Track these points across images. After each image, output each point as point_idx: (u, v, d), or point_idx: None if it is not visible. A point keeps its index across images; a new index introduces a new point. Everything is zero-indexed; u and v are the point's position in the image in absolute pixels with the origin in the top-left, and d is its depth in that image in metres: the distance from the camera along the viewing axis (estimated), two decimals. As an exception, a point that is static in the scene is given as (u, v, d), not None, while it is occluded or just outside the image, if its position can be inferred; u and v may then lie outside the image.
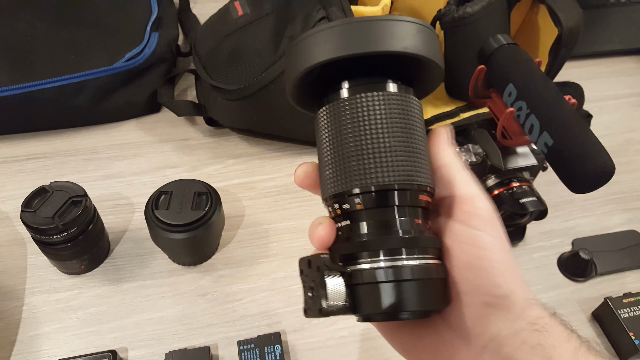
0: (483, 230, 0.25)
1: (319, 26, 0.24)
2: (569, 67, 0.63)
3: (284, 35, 0.55)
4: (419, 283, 0.24)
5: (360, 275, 0.24)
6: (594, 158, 0.40)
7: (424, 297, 0.24)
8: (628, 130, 0.71)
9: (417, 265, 0.24)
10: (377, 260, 0.24)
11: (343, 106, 0.25)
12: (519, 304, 0.24)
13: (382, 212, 0.25)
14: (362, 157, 0.24)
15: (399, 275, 0.24)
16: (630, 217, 0.61)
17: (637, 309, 0.49)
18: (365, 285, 0.24)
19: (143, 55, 0.62)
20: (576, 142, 0.41)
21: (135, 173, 0.61)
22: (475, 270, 0.24)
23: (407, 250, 0.24)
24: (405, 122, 0.25)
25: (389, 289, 0.24)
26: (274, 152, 0.64)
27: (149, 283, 0.52)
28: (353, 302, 0.24)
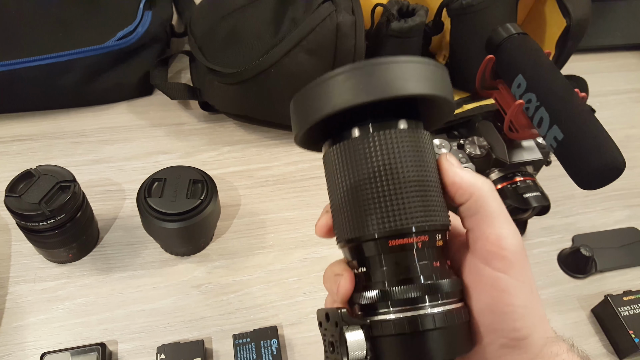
0: (507, 273, 0.24)
1: (331, 73, 0.24)
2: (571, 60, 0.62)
3: (285, 17, 0.53)
4: (443, 332, 0.23)
5: (382, 326, 0.23)
6: (605, 154, 0.39)
7: (450, 345, 0.24)
8: (629, 126, 0.70)
9: (441, 312, 0.23)
10: (399, 311, 0.23)
11: (355, 146, 0.25)
12: (537, 343, 0.24)
13: (401, 256, 0.24)
14: (379, 201, 0.24)
15: (423, 326, 0.23)
16: (630, 214, 0.61)
17: (637, 307, 0.49)
18: (388, 338, 0.23)
19: (136, 35, 0.60)
20: (587, 137, 0.40)
21: (126, 158, 0.58)
22: (495, 314, 0.24)
23: (429, 297, 0.23)
24: (419, 160, 0.25)
25: (413, 340, 0.23)
26: (271, 140, 0.62)
27: (140, 273, 0.50)
28: (375, 354, 0.24)
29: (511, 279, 0.23)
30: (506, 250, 0.24)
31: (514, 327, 0.23)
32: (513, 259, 0.24)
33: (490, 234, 0.24)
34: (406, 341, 0.23)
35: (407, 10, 0.53)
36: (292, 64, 0.53)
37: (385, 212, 0.24)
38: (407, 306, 0.23)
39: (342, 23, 0.51)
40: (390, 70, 0.23)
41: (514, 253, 0.24)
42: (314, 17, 0.52)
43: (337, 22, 0.51)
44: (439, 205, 0.25)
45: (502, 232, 0.24)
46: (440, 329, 0.23)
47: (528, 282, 0.24)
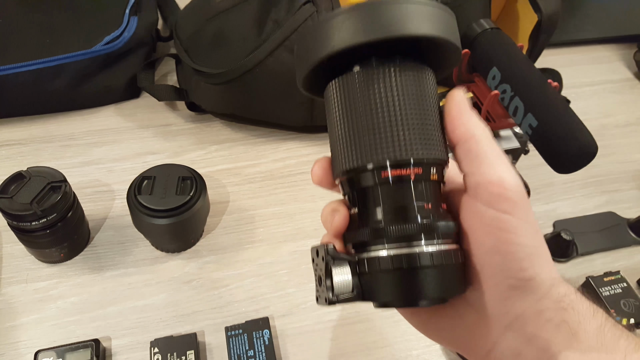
0: (511, 213, 0.23)
1: (336, 11, 0.23)
2: (547, 54, 0.64)
3: (268, 19, 0.55)
4: (436, 270, 0.23)
5: (372, 262, 0.23)
6: (578, 138, 0.41)
7: (442, 284, 0.23)
8: (604, 115, 0.73)
9: (435, 251, 0.23)
10: (391, 248, 0.23)
11: (356, 78, 0.24)
12: (544, 284, 0.24)
13: (397, 191, 0.24)
14: (376, 131, 0.23)
15: (415, 263, 0.23)
16: (608, 199, 0.63)
17: (617, 287, 0.51)
18: (378, 274, 0.23)
19: (122, 39, 0.61)
20: (560, 122, 0.42)
21: (115, 159, 0.59)
22: (500, 255, 0.23)
23: (423, 235, 0.23)
24: (420, 94, 0.24)
25: (404, 276, 0.23)
26: (257, 138, 0.63)
27: (132, 271, 0.51)
28: (364, 290, 0.24)
29: (516, 219, 0.23)
30: (510, 191, 0.23)
31: (520, 267, 0.23)
32: (517, 200, 0.23)
33: (492, 175, 0.23)
34: (396, 277, 0.23)
35: (385, 9, 0.55)
36: (275, 63, 0.54)
37: (384, 142, 0.23)
38: (400, 243, 0.23)
39: (323, 22, 0.53)
40: (392, 10, 0.23)
41: (517, 193, 0.23)
42: (295, 18, 0.53)
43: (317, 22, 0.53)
44: (436, 141, 0.24)
45: (503, 174, 0.23)
46: (432, 267, 0.23)
47: (532, 222, 0.24)
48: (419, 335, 0.49)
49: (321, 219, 0.27)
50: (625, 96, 0.76)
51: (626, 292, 0.50)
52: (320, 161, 0.27)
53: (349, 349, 0.47)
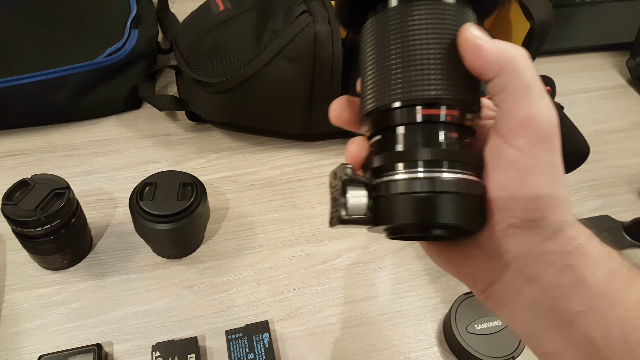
0: (529, 153, 0.22)
1: None
2: (540, 62, 0.66)
3: (266, 29, 0.56)
4: (454, 197, 0.22)
5: (387, 186, 0.23)
6: (571, 140, 0.42)
7: (459, 212, 0.22)
8: (597, 122, 0.74)
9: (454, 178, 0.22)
10: (408, 172, 0.23)
11: (390, 16, 0.23)
12: (551, 226, 0.22)
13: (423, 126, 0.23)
14: (407, 69, 0.23)
15: (433, 187, 0.22)
16: (602, 203, 0.63)
17: None
18: (398, 196, 0.23)
19: (124, 51, 0.62)
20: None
21: (117, 168, 0.60)
22: (507, 192, 0.22)
23: (445, 163, 0.23)
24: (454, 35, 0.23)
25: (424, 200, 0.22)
26: (256, 146, 0.64)
27: (134, 277, 0.51)
28: (378, 214, 0.23)
29: (531, 159, 0.22)
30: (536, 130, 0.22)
31: (525, 207, 0.22)
32: (542, 138, 0.22)
33: (517, 110, 0.22)
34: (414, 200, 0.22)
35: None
36: (274, 72, 0.56)
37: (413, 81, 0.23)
38: (420, 169, 0.23)
39: (320, 32, 0.54)
40: None
41: (545, 130, 0.22)
42: (293, 27, 0.55)
43: (314, 31, 0.54)
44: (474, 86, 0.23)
45: (531, 109, 0.22)
46: (449, 193, 0.22)
47: (552, 164, 0.22)
48: (417, 338, 0.49)
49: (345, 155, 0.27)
50: (619, 102, 0.77)
51: None
52: (338, 100, 0.27)
53: (348, 352, 0.48)
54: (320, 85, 0.57)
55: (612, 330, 0.22)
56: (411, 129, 0.24)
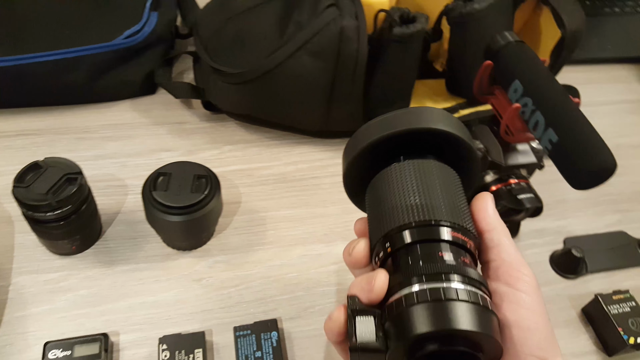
0: (529, 294, 0.26)
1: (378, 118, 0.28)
2: (565, 71, 0.64)
3: (291, 21, 0.55)
4: (469, 305, 0.22)
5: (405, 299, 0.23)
6: (597, 154, 0.41)
7: (476, 318, 0.22)
8: (620, 135, 0.72)
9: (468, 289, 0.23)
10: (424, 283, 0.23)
11: (393, 169, 0.28)
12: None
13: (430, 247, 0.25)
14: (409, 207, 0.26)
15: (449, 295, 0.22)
16: (620, 219, 0.62)
17: (625, 306, 0.51)
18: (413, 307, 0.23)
19: (142, 34, 0.61)
20: (581, 139, 0.42)
21: (129, 154, 0.59)
22: (524, 330, 0.25)
23: (457, 276, 0.23)
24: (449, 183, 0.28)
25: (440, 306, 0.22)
26: (271, 140, 0.63)
27: (143, 266, 0.51)
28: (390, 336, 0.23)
29: (533, 301, 0.26)
30: (527, 275, 0.27)
31: (539, 345, 0.25)
32: (533, 284, 0.27)
33: (512, 261, 0.27)
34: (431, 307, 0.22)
35: (408, 18, 0.55)
36: (296, 65, 0.54)
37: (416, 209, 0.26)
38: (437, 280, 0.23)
39: (346, 27, 0.53)
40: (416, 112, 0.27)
41: (533, 279, 0.27)
42: (318, 21, 0.53)
43: (340, 26, 0.53)
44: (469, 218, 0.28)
45: (521, 261, 0.28)
46: (465, 302, 0.22)
47: (545, 309, 0.27)
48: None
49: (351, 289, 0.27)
50: (642, 117, 0.76)
51: (635, 311, 0.50)
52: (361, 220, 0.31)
53: (356, 356, 0.47)
54: (342, 82, 0.56)
55: None
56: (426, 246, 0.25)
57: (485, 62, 0.50)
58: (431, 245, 0.25)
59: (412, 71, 0.57)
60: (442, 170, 0.28)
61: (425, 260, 0.25)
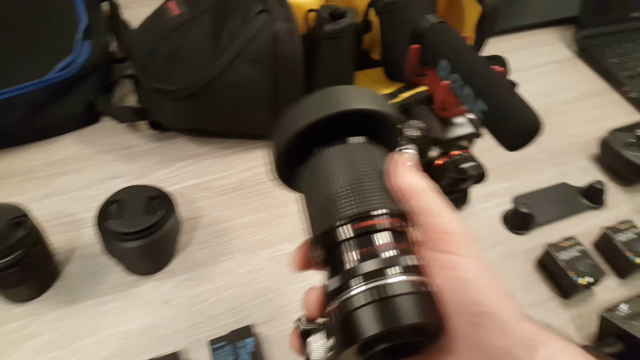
0: (456, 253, 0.25)
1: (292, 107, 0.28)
2: (493, 42, 0.67)
3: (224, 31, 0.55)
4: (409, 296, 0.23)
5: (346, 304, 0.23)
6: (523, 117, 0.43)
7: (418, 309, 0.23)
8: (550, 94, 0.76)
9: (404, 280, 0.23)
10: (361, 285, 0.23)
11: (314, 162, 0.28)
12: (508, 320, 0.24)
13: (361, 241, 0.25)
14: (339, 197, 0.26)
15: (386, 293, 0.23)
16: (560, 172, 0.66)
17: (573, 251, 0.54)
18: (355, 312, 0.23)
19: (76, 65, 0.60)
20: (507, 104, 0.44)
21: (79, 188, 0.58)
22: (454, 292, 0.24)
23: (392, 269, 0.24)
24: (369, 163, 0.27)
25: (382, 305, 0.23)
26: (224, 150, 0.63)
27: (107, 299, 0.50)
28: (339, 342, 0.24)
29: (462, 258, 0.25)
30: (449, 234, 0.26)
31: (475, 301, 0.24)
32: (457, 241, 0.25)
33: (434, 224, 0.26)
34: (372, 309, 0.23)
35: (337, 14, 0.56)
36: (235, 73, 0.55)
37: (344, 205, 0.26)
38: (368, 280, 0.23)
39: (278, 31, 0.54)
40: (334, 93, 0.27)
41: (457, 235, 0.26)
42: (250, 27, 0.54)
43: (273, 30, 0.54)
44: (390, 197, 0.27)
45: (443, 221, 0.26)
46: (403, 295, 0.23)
47: (481, 260, 0.25)
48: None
49: None
50: (569, 74, 0.80)
51: (582, 254, 0.54)
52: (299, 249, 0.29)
53: (334, 347, 0.48)
54: (283, 84, 0.57)
55: None
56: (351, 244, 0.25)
57: (412, 46, 0.51)
58: (363, 241, 0.25)
59: (349, 63, 0.59)
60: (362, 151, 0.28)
61: (360, 259, 0.24)
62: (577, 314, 0.53)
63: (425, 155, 0.54)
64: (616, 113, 0.76)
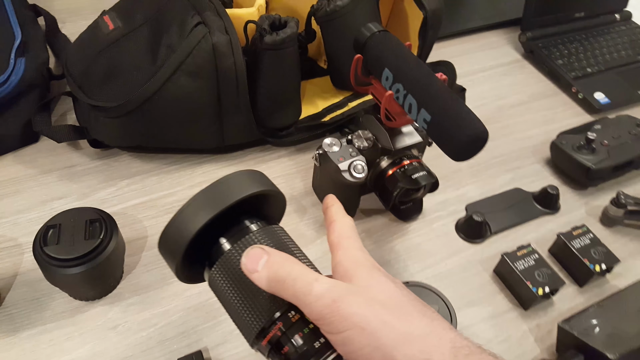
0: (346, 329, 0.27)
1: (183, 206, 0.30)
2: (439, 47, 0.68)
3: (161, 45, 0.54)
4: None
5: None
6: (468, 126, 0.43)
7: None
8: (499, 98, 0.77)
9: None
10: None
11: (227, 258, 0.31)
12: None
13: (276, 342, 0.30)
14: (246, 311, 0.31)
15: None
16: (512, 177, 0.67)
17: (530, 259, 0.53)
18: None
19: (10, 84, 0.57)
20: (450, 114, 0.44)
21: (19, 211, 0.56)
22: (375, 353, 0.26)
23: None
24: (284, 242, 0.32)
25: None
26: (170, 166, 0.62)
27: (51, 326, 0.48)
28: None
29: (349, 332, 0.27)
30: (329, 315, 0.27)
31: None
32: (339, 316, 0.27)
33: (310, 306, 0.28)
34: None
35: (279, 24, 0.56)
36: (175, 88, 0.53)
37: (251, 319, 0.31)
38: None
39: (218, 43, 0.53)
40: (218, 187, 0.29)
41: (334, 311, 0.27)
42: (189, 41, 0.53)
43: (212, 42, 0.52)
44: None
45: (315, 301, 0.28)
46: None
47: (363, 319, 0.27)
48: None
49: None
50: (516, 77, 0.82)
51: (539, 263, 0.53)
52: None
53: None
54: (227, 97, 0.55)
55: None
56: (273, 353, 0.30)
57: (356, 56, 0.51)
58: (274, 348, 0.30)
59: (293, 74, 0.58)
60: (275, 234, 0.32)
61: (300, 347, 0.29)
62: (536, 325, 0.52)
63: (375, 165, 0.54)
64: (565, 114, 0.78)
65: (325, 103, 0.65)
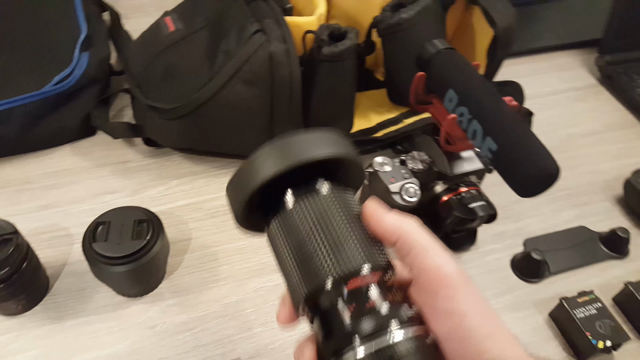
0: (455, 298, 0.24)
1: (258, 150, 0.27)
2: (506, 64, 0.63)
3: (219, 50, 0.53)
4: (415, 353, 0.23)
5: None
6: (537, 161, 0.40)
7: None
8: (569, 125, 0.72)
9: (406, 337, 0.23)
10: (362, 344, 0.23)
11: (291, 215, 0.27)
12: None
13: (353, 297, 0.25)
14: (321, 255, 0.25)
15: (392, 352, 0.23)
16: (578, 213, 0.61)
17: (591, 308, 0.49)
18: None
19: (73, 77, 0.59)
20: (519, 146, 0.41)
21: (73, 201, 0.57)
22: (457, 341, 0.24)
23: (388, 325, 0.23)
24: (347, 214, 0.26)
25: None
26: (219, 170, 0.62)
27: (94, 319, 0.49)
28: None
29: (461, 304, 0.24)
30: (448, 277, 0.24)
31: (479, 350, 0.23)
32: (458, 283, 0.24)
33: (426, 264, 0.25)
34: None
35: (338, 34, 0.54)
36: (230, 95, 0.53)
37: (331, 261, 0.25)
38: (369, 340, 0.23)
39: (275, 52, 0.52)
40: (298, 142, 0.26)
41: (453, 277, 0.25)
42: (246, 48, 0.52)
43: (269, 51, 0.52)
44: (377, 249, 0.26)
45: (436, 261, 0.25)
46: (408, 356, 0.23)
47: (480, 302, 0.24)
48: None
49: None
50: (590, 103, 0.76)
51: (601, 312, 0.49)
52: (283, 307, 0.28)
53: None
54: (280, 106, 0.55)
55: None
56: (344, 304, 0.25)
57: (418, 74, 0.49)
58: (354, 299, 0.24)
59: (349, 87, 0.56)
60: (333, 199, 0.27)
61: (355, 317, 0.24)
62: (593, 381, 0.48)
63: (429, 190, 0.51)
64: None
65: (380, 118, 0.63)
